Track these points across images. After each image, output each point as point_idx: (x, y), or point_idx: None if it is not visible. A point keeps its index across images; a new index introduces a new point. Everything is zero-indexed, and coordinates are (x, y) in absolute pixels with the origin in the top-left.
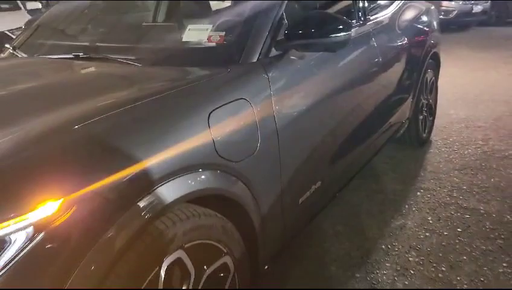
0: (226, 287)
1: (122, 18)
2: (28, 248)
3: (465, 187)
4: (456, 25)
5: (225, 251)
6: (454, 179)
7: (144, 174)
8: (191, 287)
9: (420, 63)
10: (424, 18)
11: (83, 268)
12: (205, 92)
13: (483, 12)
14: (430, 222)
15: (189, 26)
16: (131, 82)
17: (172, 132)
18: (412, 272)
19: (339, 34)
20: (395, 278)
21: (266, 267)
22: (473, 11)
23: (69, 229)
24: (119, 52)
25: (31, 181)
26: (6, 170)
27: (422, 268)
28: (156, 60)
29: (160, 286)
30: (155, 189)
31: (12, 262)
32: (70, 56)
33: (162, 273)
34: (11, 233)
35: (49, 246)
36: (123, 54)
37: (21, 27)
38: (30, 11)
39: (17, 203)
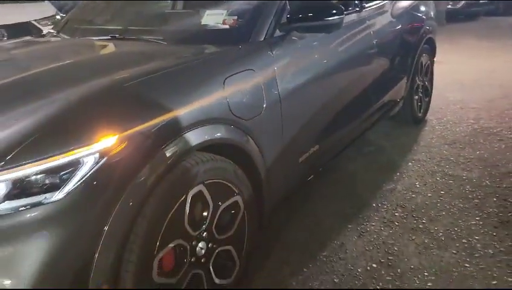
0: (237, 221)
1: (146, 7)
2: (95, 168)
3: (452, 158)
4: (464, 15)
5: (236, 191)
6: (444, 152)
7: (175, 122)
8: (209, 216)
9: (415, 47)
10: (420, 6)
11: (131, 187)
12: (221, 62)
13: (491, 2)
14: (417, 186)
15: (207, 12)
16: (161, 56)
17: (196, 92)
18: (397, 224)
19: (333, 18)
20: (382, 228)
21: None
22: (481, 1)
23: (122, 157)
24: (148, 33)
25: (97, 121)
26: (80, 113)
27: (405, 221)
28: (180, 39)
29: (187, 210)
30: (183, 134)
31: (85, 177)
32: (108, 37)
33: (188, 200)
34: (84, 156)
35: (108, 167)
36: (152, 35)
37: (45, 17)
38: (53, 2)
39: (88, 135)
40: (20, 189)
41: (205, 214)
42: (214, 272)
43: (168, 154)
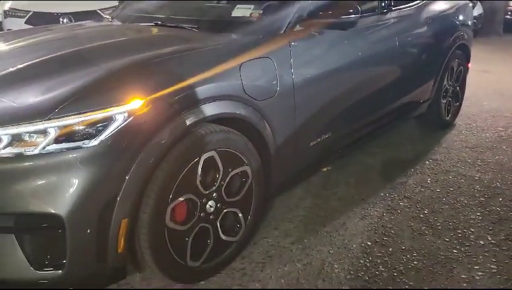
0: (245, 189)
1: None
2: (123, 124)
3: (469, 161)
4: None
5: (246, 162)
6: (463, 154)
7: (194, 94)
8: (219, 180)
9: (444, 51)
10: (455, 13)
11: (151, 143)
12: (240, 48)
13: None
14: (428, 182)
15: (238, 5)
16: (191, 40)
17: (215, 72)
18: (399, 212)
19: (349, 16)
20: (384, 214)
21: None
22: None
23: (146, 118)
24: (185, 22)
25: (128, 87)
26: (116, 79)
27: (408, 210)
28: (211, 28)
29: (199, 171)
30: (200, 105)
31: (116, 130)
32: (152, 24)
33: (201, 163)
34: (116, 114)
35: (134, 125)
36: (188, 23)
37: (108, 7)
38: None
39: (120, 97)
40: (65, 135)
41: (216, 177)
42: (221, 229)
43: (185, 121)
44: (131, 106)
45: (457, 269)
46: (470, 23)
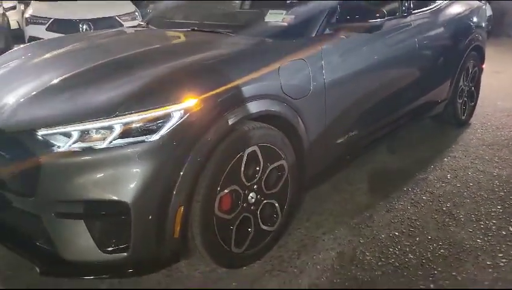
0: (281, 182)
1: (218, 6)
2: (180, 120)
3: (487, 157)
4: None
5: (283, 156)
6: (481, 151)
7: (238, 94)
8: (260, 173)
9: (461, 53)
10: (470, 15)
11: (203, 139)
12: (278, 51)
13: None
14: (448, 177)
15: (270, 11)
16: (231, 43)
17: (256, 73)
18: (423, 205)
19: (375, 20)
20: (408, 207)
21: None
22: None
23: (198, 116)
24: (220, 27)
25: (183, 87)
26: (172, 80)
27: (431, 204)
28: (246, 32)
29: (243, 164)
30: (244, 104)
31: (174, 126)
32: (188, 29)
33: (245, 157)
34: (173, 111)
35: (189, 122)
36: (223, 29)
37: (126, 14)
38: (135, 2)
39: (177, 96)
40: (128, 130)
41: (257, 170)
42: (261, 219)
43: (231, 119)
44: (187, 104)
45: (482, 256)
46: (483, 25)
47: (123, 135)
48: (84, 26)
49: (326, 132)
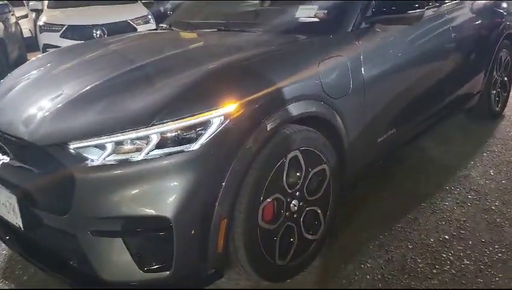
0: (324, 187)
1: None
2: (221, 127)
3: None
4: None
5: (324, 160)
6: None
7: (279, 96)
8: (302, 178)
9: (494, 42)
10: (501, 3)
11: (245, 145)
12: (316, 49)
13: None
14: (492, 174)
15: (301, 6)
16: (264, 43)
17: (296, 73)
18: (469, 205)
19: (414, 11)
20: (454, 208)
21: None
22: None
23: (239, 121)
24: (249, 26)
25: (221, 91)
26: (209, 84)
27: (478, 203)
28: (277, 31)
29: (285, 171)
30: (285, 106)
31: (214, 134)
32: (215, 30)
33: (287, 163)
34: (213, 117)
35: (230, 128)
36: (252, 27)
37: (138, 17)
38: (144, 3)
39: (216, 101)
40: (166, 140)
41: (299, 176)
42: (304, 227)
43: (272, 123)
44: (226, 110)
45: None
46: None
47: (161, 145)
48: (98, 32)
49: (366, 132)
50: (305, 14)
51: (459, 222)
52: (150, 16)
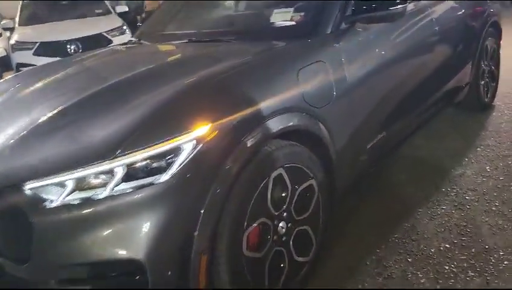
0: (312, 203)
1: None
2: (193, 153)
3: None
4: None
5: (311, 175)
6: None
7: (257, 112)
8: (288, 198)
9: (479, 31)
10: None
11: (222, 170)
12: (293, 56)
13: None
14: (488, 170)
15: (276, 10)
16: (237, 53)
17: (273, 84)
18: (468, 207)
19: (396, 7)
20: (453, 211)
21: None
22: None
23: (214, 144)
24: (221, 35)
25: (192, 112)
26: (178, 105)
27: (477, 204)
28: (251, 38)
29: (269, 192)
30: (264, 122)
31: (186, 160)
32: (186, 41)
33: (270, 182)
34: (184, 142)
35: (204, 153)
36: (225, 36)
37: (113, 29)
38: (119, 14)
39: (186, 125)
40: (133, 172)
41: (284, 195)
42: (294, 250)
43: (251, 141)
44: (199, 133)
45: None
46: None
47: (127, 178)
48: (73, 47)
49: (355, 139)
50: (281, 18)
51: (459, 227)
52: (125, 27)
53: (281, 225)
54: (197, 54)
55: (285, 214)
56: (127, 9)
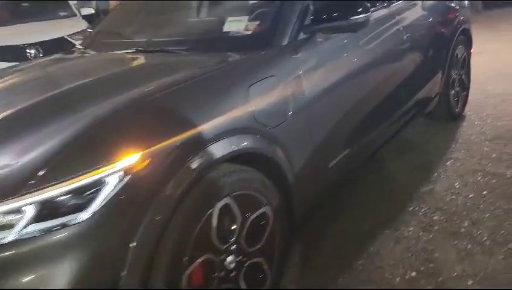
0: (266, 233)
1: (170, 16)
2: (119, 186)
3: (494, 155)
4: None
5: (264, 202)
6: (485, 148)
7: (199, 135)
8: (237, 229)
9: (449, 39)
10: None
11: (156, 203)
12: (243, 70)
13: None
14: (457, 186)
15: (229, 18)
16: (184, 67)
17: (219, 103)
18: (436, 228)
19: (358, 16)
20: (420, 233)
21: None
22: None
23: (146, 174)
24: (171, 44)
25: (120, 138)
26: (104, 131)
27: (445, 225)
28: (203, 48)
29: (214, 224)
30: (207, 147)
31: (111, 195)
32: (133, 50)
33: (215, 215)
34: (108, 175)
35: (133, 185)
36: (175, 45)
37: (77, 32)
38: (84, 17)
39: (112, 154)
40: (47, 210)
41: (233, 227)
42: (246, 285)
43: (192, 168)
44: (126, 163)
45: None
46: (466, 3)
47: (39, 218)
48: (32, 51)
49: (315, 158)
50: (235, 27)
51: (426, 253)
52: (89, 30)
53: (229, 259)
54: (137, 67)
55: (234, 246)
56: (93, 11)
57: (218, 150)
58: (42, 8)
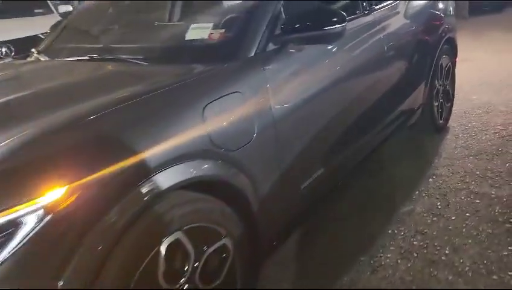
0: (226, 267)
1: (137, 18)
2: (38, 228)
3: (478, 173)
4: (490, 7)
5: (224, 233)
6: (469, 164)
7: (142, 163)
8: (191, 266)
9: (433, 48)
10: (438, 3)
11: (87, 246)
12: (201, 87)
13: None
14: (439, 207)
15: (192, 25)
16: (135, 80)
17: (168, 125)
18: (415, 255)
19: (334, 26)
20: (398, 261)
21: (274, 243)
22: None
23: (74, 212)
24: (129, 52)
25: (42, 170)
26: (23, 161)
27: (425, 251)
28: (161, 58)
29: (161, 264)
30: (153, 176)
31: (26, 238)
32: (86, 58)
33: (162, 252)
34: (24, 215)
35: (56, 224)
36: (132, 54)
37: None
38: (62, 14)
39: (30, 189)
40: None
41: (185, 264)
42: None
43: (133, 203)
44: (48, 199)
45: None
46: (451, 10)
47: None
48: (3, 49)
49: (284, 181)
50: (198, 34)
51: (404, 283)
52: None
53: None
54: (82, 80)
55: (186, 286)
56: (71, 8)
57: (164, 179)
58: (16, 5)
